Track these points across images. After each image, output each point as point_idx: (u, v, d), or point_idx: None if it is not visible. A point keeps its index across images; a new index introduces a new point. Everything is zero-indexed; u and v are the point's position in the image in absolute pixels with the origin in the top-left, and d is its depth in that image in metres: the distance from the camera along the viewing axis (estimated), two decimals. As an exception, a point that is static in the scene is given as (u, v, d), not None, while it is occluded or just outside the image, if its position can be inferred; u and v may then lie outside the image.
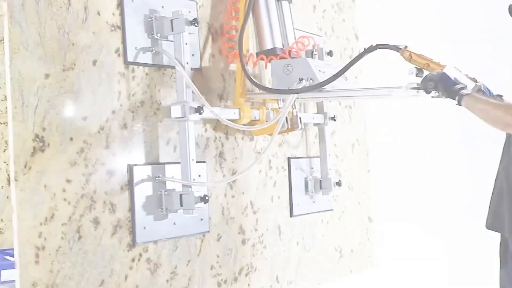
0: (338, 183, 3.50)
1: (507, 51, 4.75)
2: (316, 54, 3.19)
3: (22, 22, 2.14)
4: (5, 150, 4.24)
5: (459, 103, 2.26)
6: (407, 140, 5.16)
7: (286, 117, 2.98)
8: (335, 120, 3.52)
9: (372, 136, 4.22)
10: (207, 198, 2.56)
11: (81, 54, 2.33)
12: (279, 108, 3.02)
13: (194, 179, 2.59)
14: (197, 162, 2.66)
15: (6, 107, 4.18)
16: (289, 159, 3.41)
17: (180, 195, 2.57)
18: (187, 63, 2.59)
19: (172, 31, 2.59)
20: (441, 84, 2.29)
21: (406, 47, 2.56)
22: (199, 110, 2.58)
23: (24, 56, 2.13)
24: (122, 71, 2.49)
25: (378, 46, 2.59)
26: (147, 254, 2.54)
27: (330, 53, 3.38)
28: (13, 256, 4.15)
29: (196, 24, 2.58)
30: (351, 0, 4.15)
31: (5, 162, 4.28)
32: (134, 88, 2.53)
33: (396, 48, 2.56)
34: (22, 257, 2.09)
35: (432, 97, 2.52)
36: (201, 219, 2.79)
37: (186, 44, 2.59)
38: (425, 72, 2.51)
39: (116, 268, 2.40)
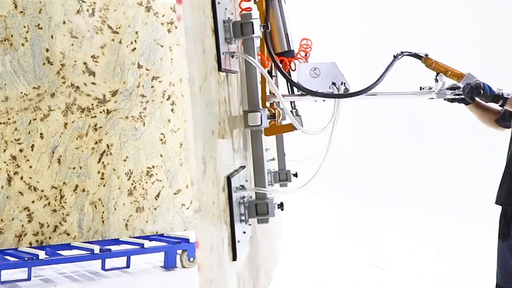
0: (295, 175, 3.71)
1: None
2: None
3: (189, 29, 1.86)
4: (4, 150, 3.74)
5: (502, 106, 2.74)
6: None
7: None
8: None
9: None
10: (283, 205, 2.57)
11: (206, 62, 2.11)
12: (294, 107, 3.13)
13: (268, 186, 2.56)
14: (240, 167, 2.64)
15: (6, 108, 3.50)
16: (262, 154, 3.48)
17: (255, 204, 2.52)
18: (259, 68, 2.52)
19: (242, 35, 2.48)
20: (485, 91, 2.73)
21: (427, 55, 2.95)
22: (273, 117, 2.55)
23: (193, 68, 1.87)
24: (218, 78, 2.31)
25: (403, 54, 2.93)
26: (237, 268, 2.45)
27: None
28: (13, 256, 3.36)
29: (268, 29, 2.52)
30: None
31: (4, 162, 3.79)
32: (223, 95, 2.37)
33: (418, 56, 2.94)
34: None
35: (448, 99, 2.95)
36: (249, 225, 2.75)
37: (256, 48, 2.52)
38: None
39: (230, 288, 2.28)
